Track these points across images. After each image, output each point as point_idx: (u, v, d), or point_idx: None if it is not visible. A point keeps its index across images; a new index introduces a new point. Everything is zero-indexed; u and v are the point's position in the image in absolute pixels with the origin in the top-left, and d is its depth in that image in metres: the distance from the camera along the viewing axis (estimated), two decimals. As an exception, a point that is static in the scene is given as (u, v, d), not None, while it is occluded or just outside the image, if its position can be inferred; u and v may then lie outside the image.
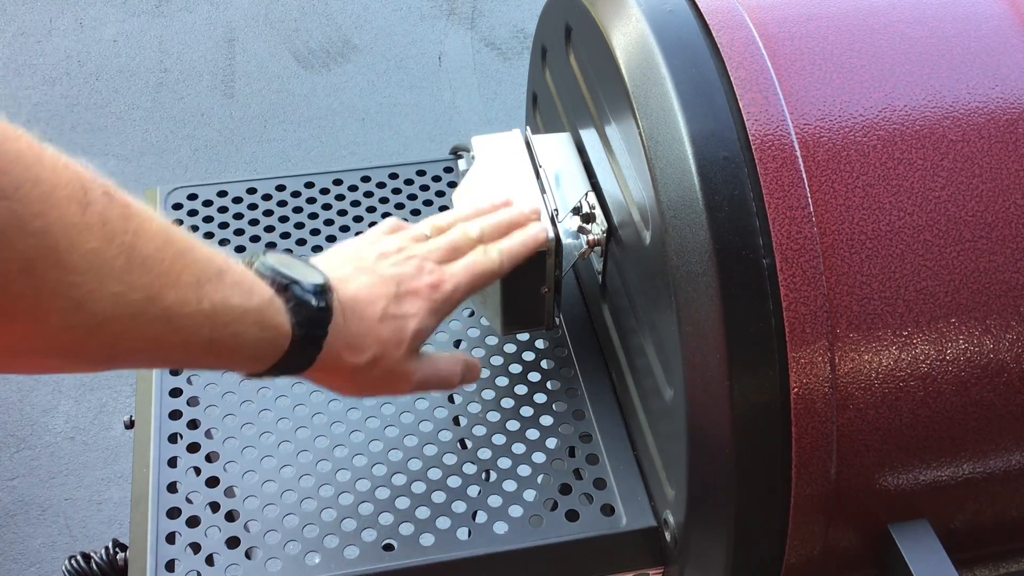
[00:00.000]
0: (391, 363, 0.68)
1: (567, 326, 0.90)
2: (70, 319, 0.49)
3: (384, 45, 2.67)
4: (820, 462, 0.65)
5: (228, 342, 0.57)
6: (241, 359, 0.60)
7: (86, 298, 0.49)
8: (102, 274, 0.49)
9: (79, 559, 0.86)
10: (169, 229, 0.54)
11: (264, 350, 0.60)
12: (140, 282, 0.51)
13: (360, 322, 0.66)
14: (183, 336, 0.54)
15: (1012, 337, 0.66)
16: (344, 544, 0.74)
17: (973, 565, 0.75)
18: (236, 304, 0.57)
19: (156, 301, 0.52)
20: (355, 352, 0.66)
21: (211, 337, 0.56)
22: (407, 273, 0.70)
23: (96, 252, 0.49)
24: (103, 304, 0.49)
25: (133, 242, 0.50)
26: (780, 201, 0.64)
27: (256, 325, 0.58)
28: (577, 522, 0.76)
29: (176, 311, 0.53)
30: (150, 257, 0.51)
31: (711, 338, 0.63)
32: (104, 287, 0.49)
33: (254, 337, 0.59)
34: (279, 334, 0.60)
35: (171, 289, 0.53)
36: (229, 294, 0.56)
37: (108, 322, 0.50)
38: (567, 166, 0.87)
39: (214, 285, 0.55)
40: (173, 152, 2.39)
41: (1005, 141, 0.68)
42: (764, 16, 0.72)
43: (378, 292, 0.68)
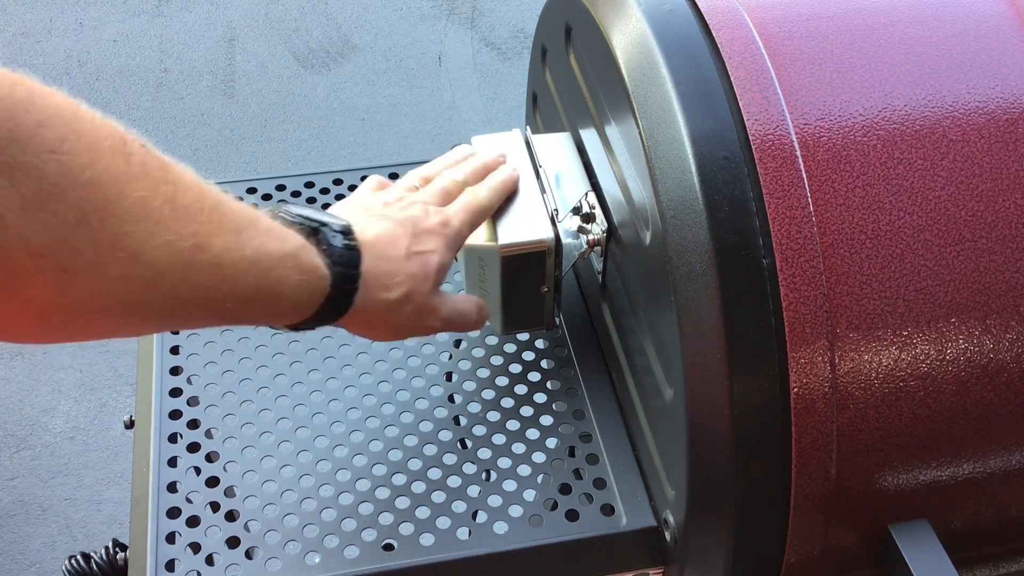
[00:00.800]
0: (421, 298, 0.71)
1: (567, 326, 0.90)
2: (129, 270, 0.50)
3: (384, 45, 2.67)
4: (820, 462, 0.65)
5: (273, 288, 0.59)
6: (287, 307, 0.62)
7: (140, 247, 0.50)
8: (152, 222, 0.51)
9: (79, 559, 0.86)
10: (201, 181, 0.55)
11: (305, 295, 0.62)
12: (187, 230, 0.53)
13: (387, 261, 0.69)
14: (232, 284, 0.56)
15: (1012, 337, 0.66)
16: (344, 544, 0.74)
17: (973, 565, 0.75)
18: (274, 249, 0.59)
19: (204, 249, 0.54)
20: (388, 289, 0.69)
21: (257, 284, 0.58)
22: (417, 215, 0.73)
23: (144, 201, 0.50)
24: (157, 253, 0.51)
25: (174, 192, 0.52)
26: (780, 201, 0.64)
27: (295, 268, 0.60)
28: (577, 522, 0.76)
29: (223, 258, 0.55)
30: (191, 206, 0.53)
31: (711, 338, 0.63)
32: (156, 235, 0.51)
33: (295, 281, 0.61)
34: (318, 276, 0.63)
35: (216, 237, 0.55)
36: (265, 240, 0.58)
37: (165, 272, 0.52)
38: (567, 166, 0.87)
39: (251, 232, 0.57)
40: (173, 152, 2.37)
41: (1005, 141, 0.68)
42: (764, 16, 0.72)
43: (398, 233, 0.70)
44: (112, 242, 0.49)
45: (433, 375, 0.85)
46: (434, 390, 0.84)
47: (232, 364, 0.85)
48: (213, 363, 0.85)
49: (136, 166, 0.50)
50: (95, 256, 0.49)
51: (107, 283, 0.50)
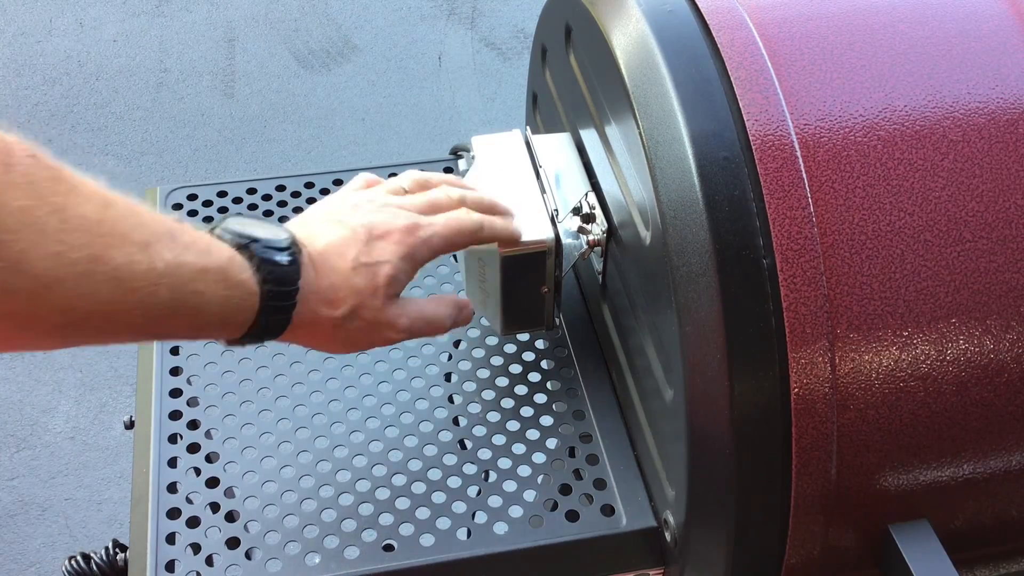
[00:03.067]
0: (371, 312, 0.67)
1: (567, 326, 0.90)
2: (11, 281, 0.48)
3: (384, 45, 2.67)
4: (820, 462, 0.65)
5: (191, 301, 0.56)
6: (211, 322, 0.59)
7: (22, 258, 0.48)
8: (35, 232, 0.48)
9: (79, 559, 0.86)
10: (108, 194, 0.53)
11: (234, 311, 0.59)
12: (79, 242, 0.50)
13: (332, 274, 0.65)
14: (140, 297, 0.53)
15: (1012, 337, 0.66)
16: (344, 544, 0.74)
17: (973, 565, 0.75)
18: (192, 262, 0.56)
19: (102, 261, 0.51)
20: (331, 305, 0.65)
21: (171, 297, 0.55)
22: (379, 220, 0.68)
23: (24, 210, 0.48)
24: (44, 264, 0.48)
25: (65, 203, 0.49)
26: (780, 201, 0.64)
27: (219, 283, 0.57)
28: (577, 522, 0.76)
29: (126, 271, 0.52)
30: (87, 218, 0.50)
31: (711, 338, 0.63)
32: (41, 246, 0.48)
33: (219, 296, 0.58)
34: (246, 292, 0.59)
35: (116, 249, 0.52)
36: (183, 253, 0.55)
37: (55, 284, 0.49)
38: (567, 166, 0.87)
39: (165, 245, 0.54)
40: (173, 152, 2.39)
41: (1005, 141, 0.68)
42: (764, 16, 0.72)
43: (348, 241, 0.66)
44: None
45: (433, 376, 0.85)
46: (434, 391, 0.84)
47: (232, 365, 0.85)
48: (213, 363, 0.85)
49: (18, 175, 0.48)
50: None
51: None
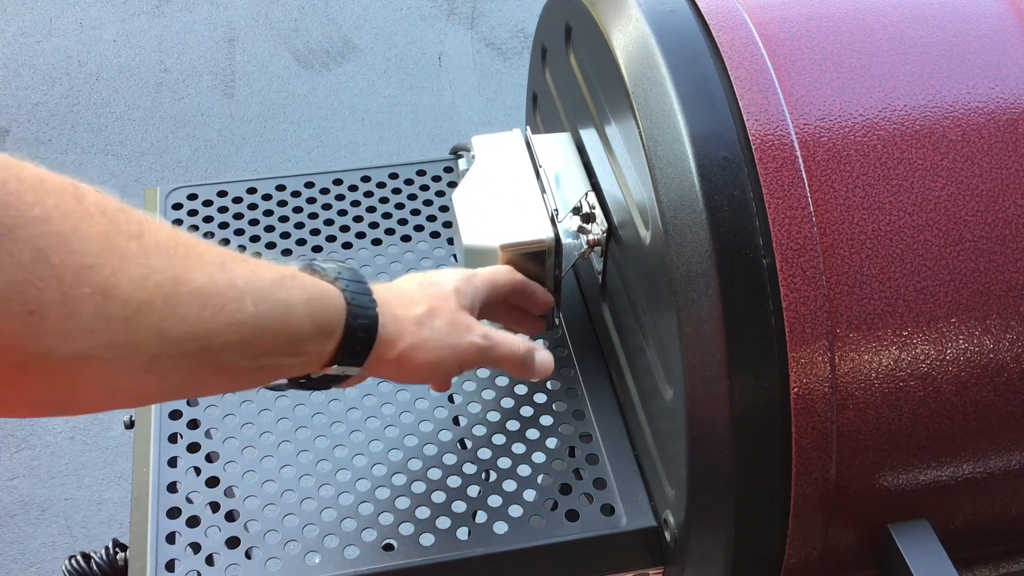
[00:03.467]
0: (449, 312, 0.69)
1: (567, 326, 0.90)
2: (102, 305, 0.47)
3: (384, 45, 2.67)
4: (820, 462, 0.65)
5: (278, 311, 0.57)
6: (304, 330, 0.59)
7: (108, 282, 0.48)
8: (118, 257, 0.48)
9: (79, 559, 0.86)
10: (172, 227, 0.53)
11: (320, 312, 0.60)
12: (160, 265, 0.50)
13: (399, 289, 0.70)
14: (227, 314, 0.53)
15: (1012, 337, 0.66)
16: (344, 544, 0.74)
17: (973, 565, 0.75)
18: (267, 275, 0.57)
19: (184, 281, 0.51)
20: (408, 306, 0.67)
21: (258, 311, 0.55)
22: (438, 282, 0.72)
23: (104, 236, 0.48)
24: (131, 287, 0.48)
25: (140, 231, 0.50)
26: (780, 201, 0.64)
27: (297, 287, 0.58)
28: (577, 522, 0.76)
29: (209, 288, 0.52)
30: (163, 244, 0.51)
31: (711, 338, 0.63)
32: (125, 271, 0.48)
33: (303, 300, 0.58)
34: (323, 289, 0.61)
35: (196, 271, 0.52)
36: (256, 269, 0.56)
37: (144, 307, 0.49)
38: (567, 166, 0.87)
39: (239, 265, 0.55)
40: (173, 152, 2.39)
41: (1005, 141, 0.68)
42: (764, 16, 0.72)
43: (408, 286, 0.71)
44: (76, 277, 0.46)
45: (433, 375, 0.85)
46: (434, 390, 0.84)
47: (232, 364, 0.85)
48: None
49: (91, 206, 0.48)
50: (61, 294, 0.46)
51: (81, 323, 0.47)
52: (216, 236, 0.96)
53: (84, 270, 0.47)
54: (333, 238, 0.96)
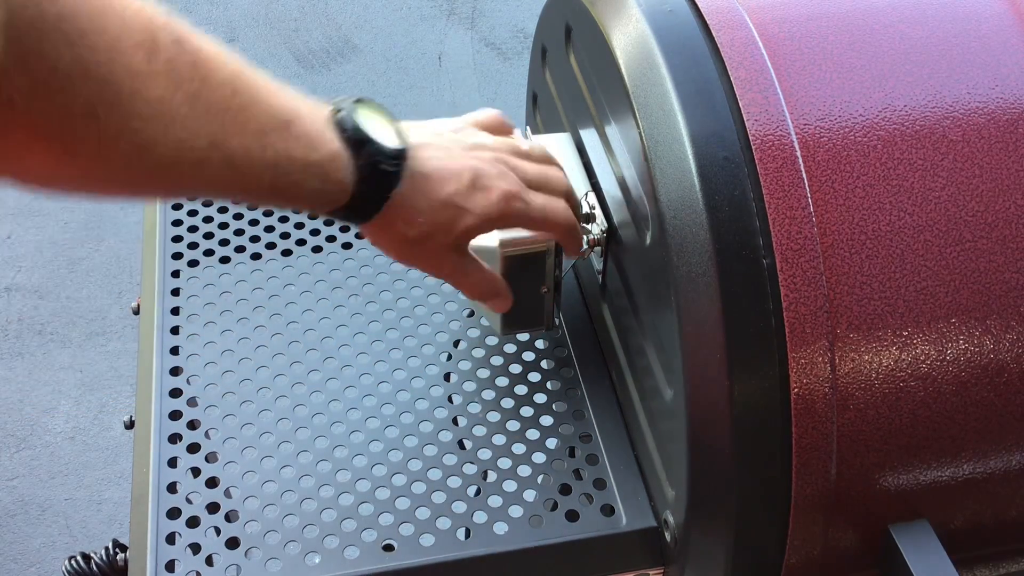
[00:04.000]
0: (436, 246, 0.69)
1: (567, 326, 0.90)
2: (133, 162, 0.51)
3: (384, 45, 2.67)
4: (820, 462, 0.65)
5: (288, 189, 0.60)
6: (301, 204, 0.64)
7: (148, 144, 0.50)
8: (166, 120, 0.51)
9: (79, 559, 0.86)
10: (238, 78, 0.55)
11: (323, 201, 0.63)
12: (204, 130, 0.53)
13: (423, 199, 0.67)
14: (244, 182, 0.57)
15: (1012, 337, 0.66)
16: (344, 545, 0.74)
17: (973, 565, 0.75)
18: (298, 156, 0.59)
19: (219, 148, 0.54)
20: (407, 225, 0.67)
21: (272, 185, 0.58)
22: (489, 172, 0.70)
23: (161, 100, 0.50)
24: (166, 150, 0.51)
25: (199, 90, 0.52)
26: (780, 201, 0.64)
27: (317, 178, 0.60)
28: (577, 522, 0.76)
29: (239, 159, 0.55)
30: (215, 105, 0.53)
31: (711, 338, 0.63)
32: (168, 134, 0.51)
33: (314, 188, 0.61)
34: (339, 190, 0.62)
35: (235, 138, 0.55)
36: (292, 146, 0.58)
37: (172, 167, 0.52)
38: (567, 166, 0.87)
39: (279, 135, 0.57)
40: (173, 152, 2.39)
41: (1005, 141, 0.68)
42: (764, 16, 0.72)
43: (453, 177, 0.68)
44: (118, 135, 0.49)
45: (433, 376, 0.85)
46: (434, 391, 0.84)
47: (232, 365, 0.85)
48: (213, 364, 0.85)
49: (160, 64, 0.50)
50: (98, 145, 0.49)
51: (109, 168, 0.51)
52: (216, 236, 0.96)
53: (128, 131, 0.50)
54: (333, 238, 0.96)
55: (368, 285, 0.92)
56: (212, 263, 0.94)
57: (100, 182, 0.53)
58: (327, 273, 0.93)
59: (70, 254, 2.20)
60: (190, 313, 0.89)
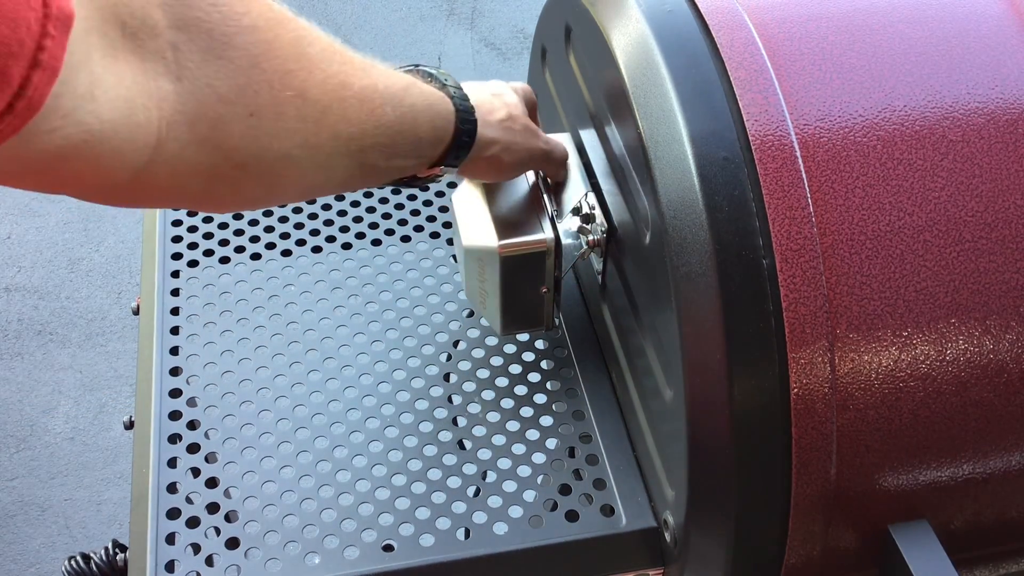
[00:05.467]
0: (522, 119, 0.77)
1: (567, 326, 0.90)
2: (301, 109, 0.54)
3: (384, 45, 2.67)
4: (820, 462, 0.65)
5: (408, 117, 0.64)
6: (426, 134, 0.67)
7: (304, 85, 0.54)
8: (307, 60, 0.55)
9: (79, 559, 0.86)
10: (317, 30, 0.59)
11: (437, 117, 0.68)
12: (332, 70, 0.57)
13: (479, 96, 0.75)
14: (377, 118, 0.61)
15: (1012, 337, 0.66)
16: (344, 545, 0.74)
17: (973, 565, 0.75)
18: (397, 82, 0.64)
19: (348, 86, 0.58)
20: (492, 112, 0.75)
21: (396, 114, 0.63)
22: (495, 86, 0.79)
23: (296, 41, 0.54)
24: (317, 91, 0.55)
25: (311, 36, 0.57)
26: (780, 201, 0.64)
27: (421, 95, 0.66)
28: (577, 523, 0.76)
29: (366, 93, 0.60)
30: (326, 49, 0.58)
31: (711, 338, 0.63)
32: (313, 74, 0.55)
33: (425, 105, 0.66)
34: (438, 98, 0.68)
35: (353, 76, 0.59)
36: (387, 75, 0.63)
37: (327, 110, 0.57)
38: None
39: (376, 70, 0.62)
40: (173, 152, 2.39)
41: (1005, 141, 0.68)
42: (764, 16, 0.72)
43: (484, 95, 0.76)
44: (282, 81, 0.52)
45: (432, 376, 0.85)
46: (434, 391, 0.84)
47: (232, 365, 0.85)
48: (213, 364, 0.85)
49: (280, 12, 0.54)
50: (271, 97, 0.52)
51: (287, 124, 0.54)
52: (216, 236, 0.96)
53: (287, 75, 0.53)
54: (333, 238, 0.96)
55: (368, 285, 0.92)
56: (212, 263, 0.94)
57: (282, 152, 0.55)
58: (326, 273, 0.93)
59: (70, 254, 2.20)
60: (190, 313, 0.89)
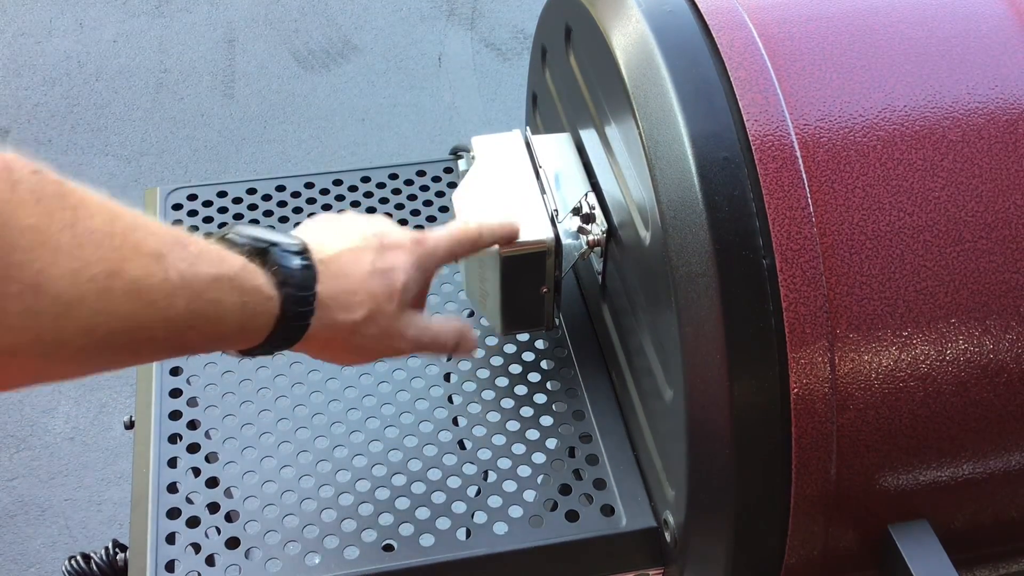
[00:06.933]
0: (386, 319, 0.67)
1: (567, 326, 0.90)
2: (31, 303, 0.46)
3: (384, 45, 2.67)
4: (820, 462, 0.65)
5: (208, 311, 0.55)
6: (230, 331, 0.58)
7: (39, 278, 0.46)
8: (50, 250, 0.47)
9: (79, 559, 0.86)
10: (113, 205, 0.51)
11: (251, 317, 0.59)
12: (94, 257, 0.49)
13: (348, 279, 0.65)
14: (158, 310, 0.52)
15: (1012, 337, 0.66)
16: (344, 545, 0.74)
17: (973, 565, 0.75)
18: (205, 271, 0.55)
19: (118, 276, 0.50)
20: (349, 310, 0.65)
21: (188, 309, 0.54)
22: (389, 230, 0.69)
23: (36, 228, 0.46)
24: (63, 283, 0.47)
25: (75, 218, 0.48)
26: (780, 201, 0.64)
27: (235, 290, 0.57)
28: (577, 522, 0.76)
29: (143, 284, 0.51)
30: (98, 231, 0.49)
31: (711, 338, 0.63)
32: (58, 265, 0.47)
33: (235, 304, 0.57)
34: (263, 297, 0.59)
35: (131, 262, 0.50)
36: (195, 262, 0.54)
37: (76, 303, 0.48)
38: (567, 166, 0.87)
39: (178, 254, 0.53)
40: (173, 152, 2.39)
41: (1005, 142, 0.68)
42: (764, 16, 0.72)
43: (362, 248, 0.67)
44: (4, 274, 0.45)
45: (433, 376, 0.85)
46: (434, 391, 0.84)
47: (232, 365, 0.85)
48: (213, 364, 0.85)
49: (24, 193, 0.46)
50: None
51: (9, 320, 0.46)
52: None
53: (14, 267, 0.46)
54: (333, 238, 0.96)
55: (368, 285, 0.92)
56: (212, 263, 0.93)
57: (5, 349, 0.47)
58: (327, 273, 0.93)
59: (70, 254, 2.20)
60: (190, 313, 0.89)
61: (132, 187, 2.28)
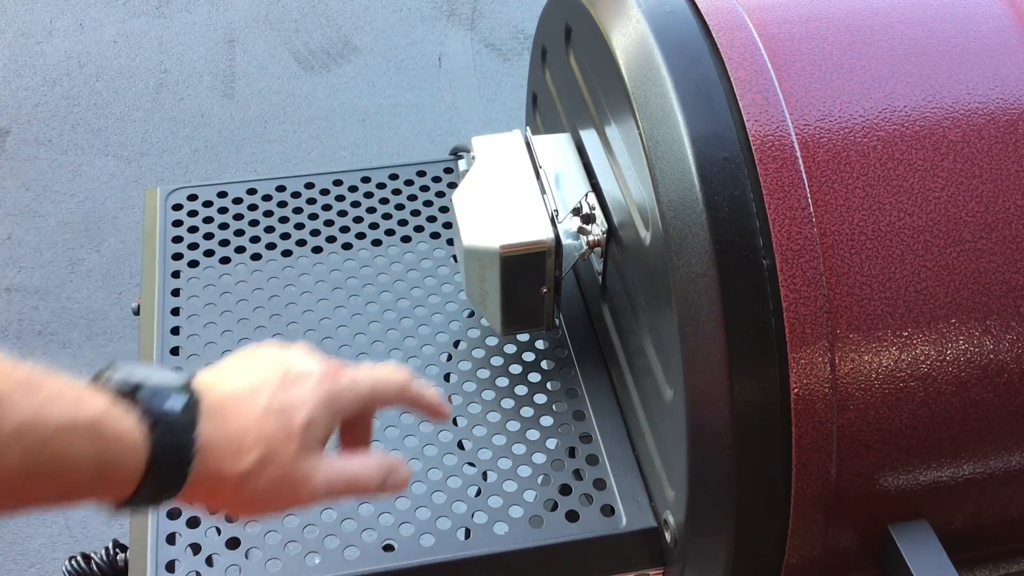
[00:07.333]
0: (282, 465, 0.56)
1: (567, 326, 0.90)
2: None
3: (384, 46, 2.67)
4: (820, 462, 0.65)
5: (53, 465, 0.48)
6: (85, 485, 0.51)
7: None
8: None
9: (79, 559, 0.86)
10: None
11: (111, 469, 0.51)
12: None
13: (239, 420, 0.56)
14: None
15: (1012, 337, 0.66)
16: (344, 545, 0.74)
17: (973, 565, 0.75)
18: (55, 418, 0.48)
19: None
20: (236, 455, 0.55)
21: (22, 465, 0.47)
22: (298, 362, 0.60)
23: None
24: None
25: None
26: (780, 201, 0.64)
27: (89, 439, 0.49)
28: (577, 523, 0.76)
29: None
30: None
31: (711, 338, 0.63)
32: None
33: (88, 454, 0.49)
34: (127, 446, 0.51)
35: None
36: (43, 408, 0.48)
37: None
38: (567, 166, 0.87)
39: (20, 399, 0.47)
40: (173, 153, 2.39)
41: (1005, 142, 0.68)
42: (764, 17, 0.72)
43: (260, 384, 0.58)
44: None
45: (433, 376, 0.85)
46: (434, 391, 0.84)
47: (232, 365, 0.85)
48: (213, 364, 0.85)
49: None
50: None
51: None
52: (216, 237, 0.96)
53: None
54: (333, 239, 0.96)
55: (368, 286, 0.92)
56: (212, 263, 0.94)
57: None
58: (327, 273, 0.93)
59: (70, 254, 2.20)
60: (190, 313, 0.89)
61: (132, 187, 2.28)
